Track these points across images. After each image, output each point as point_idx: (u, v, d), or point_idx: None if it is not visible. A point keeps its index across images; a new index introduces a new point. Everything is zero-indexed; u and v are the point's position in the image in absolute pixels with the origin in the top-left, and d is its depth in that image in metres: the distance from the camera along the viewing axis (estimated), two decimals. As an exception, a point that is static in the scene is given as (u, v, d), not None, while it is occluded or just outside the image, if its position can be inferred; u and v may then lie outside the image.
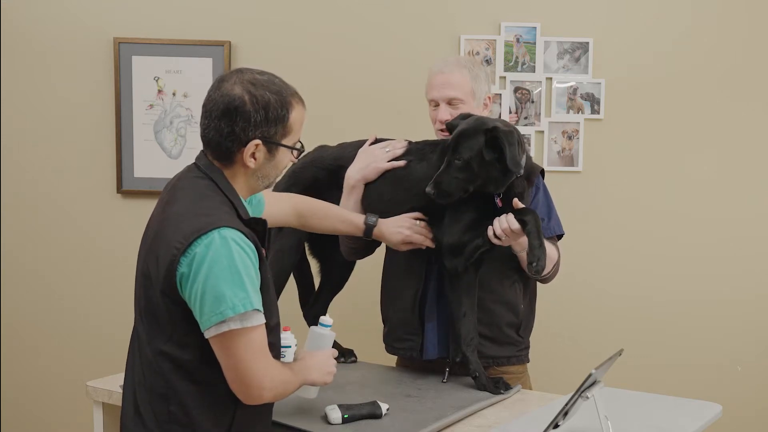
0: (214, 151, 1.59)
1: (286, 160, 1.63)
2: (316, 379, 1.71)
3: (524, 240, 1.96)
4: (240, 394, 1.52)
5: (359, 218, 2.06)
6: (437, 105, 2.19)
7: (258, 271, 1.52)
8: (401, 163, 2.14)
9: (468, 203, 2.00)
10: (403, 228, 2.05)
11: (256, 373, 1.50)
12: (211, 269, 1.44)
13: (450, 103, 2.17)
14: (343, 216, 2.07)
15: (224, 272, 1.44)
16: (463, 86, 2.16)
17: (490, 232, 1.96)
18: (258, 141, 1.55)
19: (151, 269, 1.52)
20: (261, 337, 1.51)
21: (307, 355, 1.74)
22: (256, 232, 1.56)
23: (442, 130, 2.18)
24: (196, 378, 1.53)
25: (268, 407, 1.66)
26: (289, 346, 1.97)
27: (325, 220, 2.03)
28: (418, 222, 2.07)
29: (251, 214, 1.68)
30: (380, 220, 2.06)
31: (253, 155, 1.57)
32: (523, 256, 2.06)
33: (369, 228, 2.04)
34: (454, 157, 1.94)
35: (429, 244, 2.07)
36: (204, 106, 1.58)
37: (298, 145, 1.64)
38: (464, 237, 2.00)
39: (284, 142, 1.59)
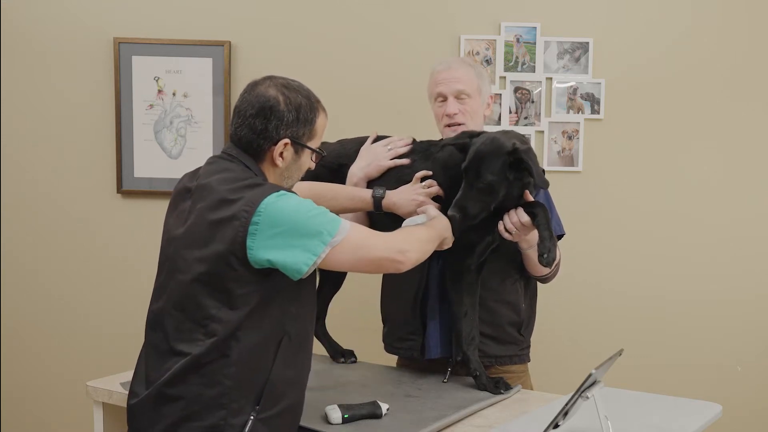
0: (244, 149, 1.67)
1: (308, 163, 1.73)
2: (447, 234, 1.88)
3: (532, 237, 1.97)
4: (389, 270, 1.68)
5: (366, 193, 2.07)
6: (444, 100, 2.18)
7: None
8: (404, 161, 2.14)
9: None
10: (418, 195, 2.04)
11: (384, 249, 1.65)
12: (293, 217, 1.54)
13: (458, 96, 2.16)
14: (350, 193, 2.09)
15: (303, 214, 1.56)
16: (470, 81, 2.17)
17: (500, 227, 1.96)
18: (287, 140, 1.66)
19: (208, 243, 1.57)
20: (360, 229, 1.65)
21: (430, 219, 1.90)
22: None
23: (448, 125, 2.18)
24: (241, 335, 1.57)
25: (299, 380, 1.68)
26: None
27: (333, 201, 2.05)
28: (425, 184, 2.06)
29: None
30: (389, 191, 2.06)
31: (281, 154, 1.66)
32: (529, 253, 2.07)
33: (377, 200, 2.06)
34: (476, 180, 1.90)
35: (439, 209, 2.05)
36: (236, 108, 1.69)
37: (320, 149, 1.75)
38: (475, 235, 2.00)
39: (309, 144, 1.70)
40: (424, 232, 1.80)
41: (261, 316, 1.58)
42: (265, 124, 1.64)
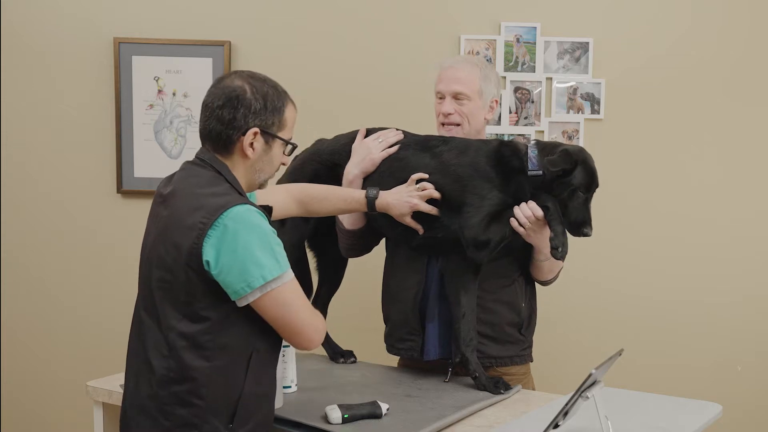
0: (214, 143, 1.65)
1: (279, 156, 1.70)
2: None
3: (543, 244, 1.98)
4: (300, 342, 1.62)
5: (360, 193, 2.06)
6: (443, 98, 2.20)
7: None
8: (395, 149, 2.15)
9: (488, 195, 2.00)
10: (412, 197, 2.03)
11: (306, 318, 1.60)
12: (246, 237, 1.52)
13: (456, 97, 2.17)
14: (343, 194, 2.07)
15: (257, 239, 1.53)
16: (471, 83, 2.17)
17: (513, 222, 1.96)
18: (257, 129, 1.62)
19: (169, 249, 1.56)
20: (298, 287, 1.61)
21: None
22: None
23: (444, 123, 2.20)
24: (208, 354, 1.56)
25: (270, 393, 1.68)
26: (288, 345, 1.97)
27: (326, 202, 2.04)
28: (420, 186, 2.05)
29: None
30: (383, 192, 2.05)
31: (251, 145, 1.63)
32: (543, 265, 2.12)
33: (371, 201, 2.04)
34: (594, 192, 2.03)
35: (435, 212, 2.05)
36: (204, 102, 1.66)
37: (293, 142, 1.71)
38: (488, 229, 1.99)
39: (280, 135, 1.66)
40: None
41: (228, 334, 1.56)
42: (233, 113, 1.60)
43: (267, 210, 1.66)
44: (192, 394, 1.55)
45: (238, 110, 1.61)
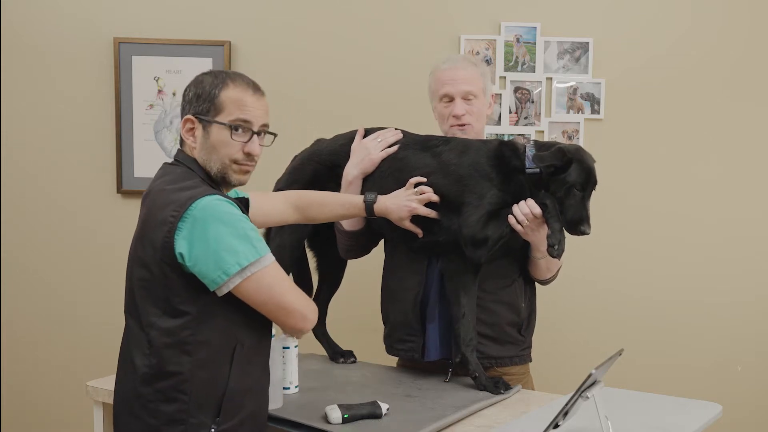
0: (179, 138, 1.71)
1: (225, 141, 1.64)
2: None
3: (541, 241, 1.98)
4: (295, 323, 1.61)
5: (358, 198, 2.05)
6: (451, 100, 2.18)
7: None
8: (394, 149, 2.14)
9: (487, 194, 2.00)
10: (410, 201, 2.02)
11: (294, 299, 1.60)
12: (216, 227, 1.52)
13: (465, 97, 2.17)
14: (341, 200, 2.07)
15: (228, 227, 1.53)
16: (476, 81, 2.18)
17: (511, 220, 1.96)
18: (189, 117, 1.65)
19: (146, 247, 1.58)
20: (280, 270, 1.61)
21: None
22: None
23: (459, 125, 2.18)
24: (190, 349, 1.56)
25: (259, 387, 1.67)
26: (288, 347, 1.97)
27: (324, 208, 2.03)
28: (418, 190, 2.04)
29: None
30: (381, 196, 2.04)
31: (191, 132, 1.66)
32: (540, 263, 2.11)
33: (369, 205, 2.02)
34: (592, 191, 2.00)
35: (434, 215, 2.05)
36: None
37: (235, 123, 1.64)
38: (486, 227, 1.98)
39: (218, 119, 1.64)
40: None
41: (209, 328, 1.57)
42: (180, 107, 1.69)
43: (242, 201, 1.67)
44: (176, 389, 1.55)
45: (181, 103, 1.68)
